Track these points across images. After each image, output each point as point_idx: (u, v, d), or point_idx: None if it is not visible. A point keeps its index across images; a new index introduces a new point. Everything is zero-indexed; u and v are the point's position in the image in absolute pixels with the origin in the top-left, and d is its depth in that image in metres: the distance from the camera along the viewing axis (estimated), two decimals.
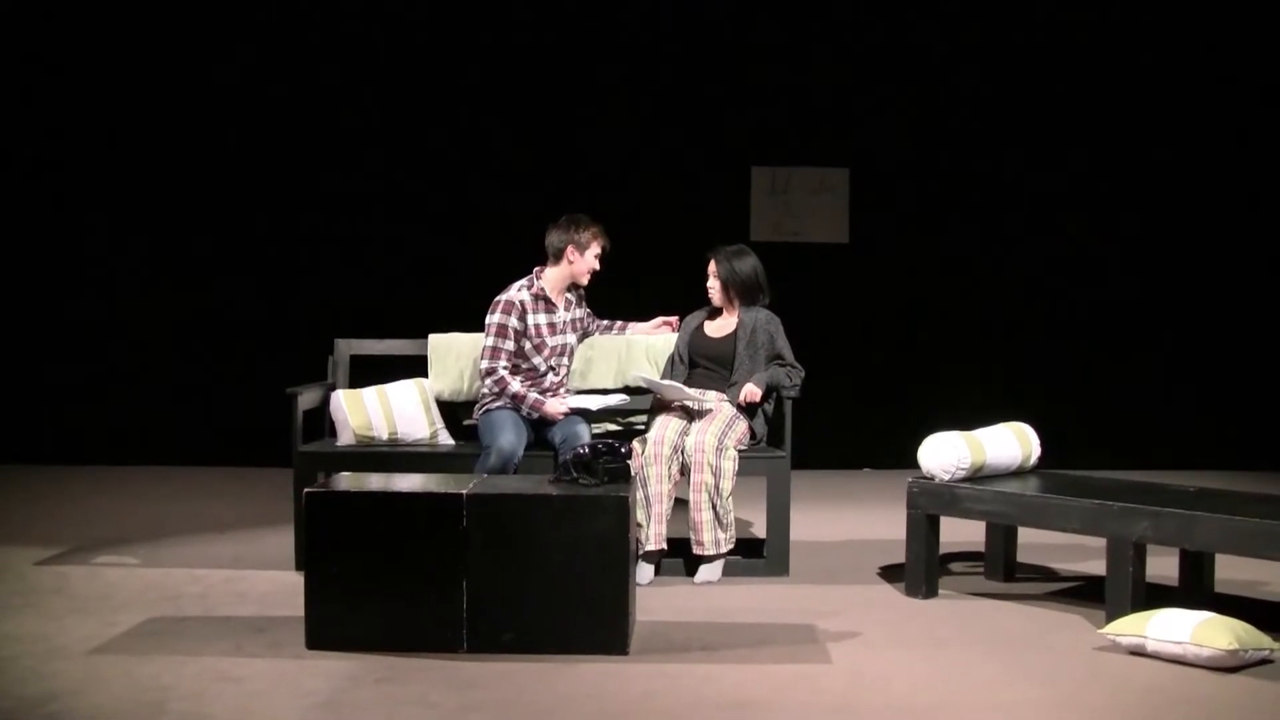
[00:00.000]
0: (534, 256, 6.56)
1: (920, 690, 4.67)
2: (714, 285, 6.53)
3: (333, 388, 6.77)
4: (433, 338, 6.87)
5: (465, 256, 9.26)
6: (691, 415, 6.35)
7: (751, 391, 6.29)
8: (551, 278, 6.53)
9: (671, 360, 6.62)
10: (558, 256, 6.49)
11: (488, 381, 6.40)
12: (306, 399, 6.55)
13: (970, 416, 6.46)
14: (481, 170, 9.68)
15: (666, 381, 6.37)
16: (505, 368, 6.40)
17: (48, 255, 9.72)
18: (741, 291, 6.50)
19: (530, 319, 6.44)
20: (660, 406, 6.45)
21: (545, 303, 6.50)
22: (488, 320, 6.43)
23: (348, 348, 6.95)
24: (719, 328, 6.56)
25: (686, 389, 6.33)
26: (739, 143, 9.78)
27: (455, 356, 6.78)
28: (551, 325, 6.51)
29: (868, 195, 9.81)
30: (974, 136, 9.81)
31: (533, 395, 6.38)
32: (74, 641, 5.13)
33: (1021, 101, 9.80)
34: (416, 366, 6.88)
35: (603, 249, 6.51)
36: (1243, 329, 9.88)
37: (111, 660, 4.90)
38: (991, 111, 9.81)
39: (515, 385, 6.38)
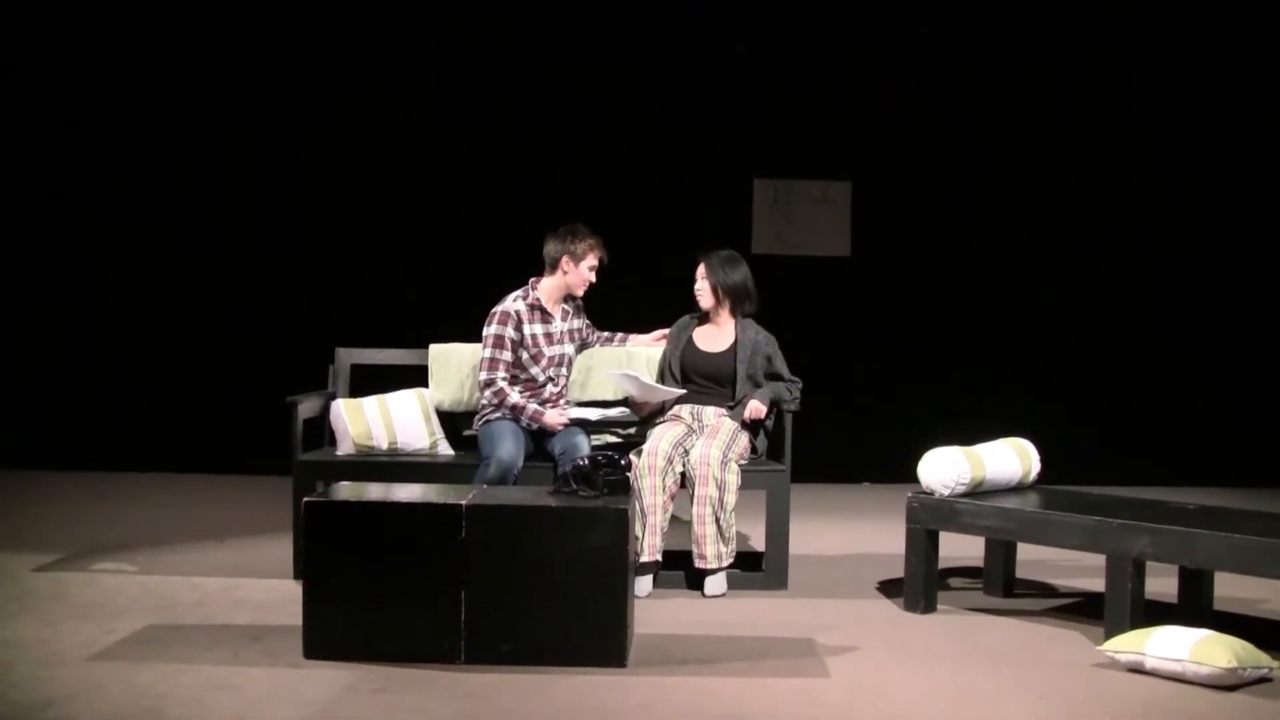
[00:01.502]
0: (535, 266, 6.56)
1: (918, 705, 4.66)
2: (703, 287, 6.51)
3: (333, 396, 6.76)
4: (433, 347, 6.86)
5: (466, 266, 9.25)
6: (689, 428, 6.35)
7: (756, 408, 6.30)
8: (547, 288, 6.53)
9: (662, 375, 6.60)
10: (553, 266, 6.49)
11: (486, 393, 6.40)
12: (307, 408, 6.54)
13: (970, 431, 6.45)
14: (483, 180, 9.68)
15: (642, 378, 6.34)
16: (504, 379, 6.40)
17: (46, 260, 9.72)
18: (730, 295, 6.49)
19: (526, 329, 6.44)
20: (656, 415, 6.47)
21: (541, 313, 6.50)
22: (484, 332, 6.43)
23: (348, 357, 6.95)
24: (711, 340, 6.54)
25: (660, 386, 6.33)
26: (741, 155, 9.79)
27: (456, 366, 6.78)
28: (548, 335, 6.51)
29: (869, 208, 9.81)
30: (975, 149, 9.82)
31: (532, 406, 6.38)
32: (71, 648, 5.12)
33: (1022, 114, 9.80)
34: (417, 376, 6.88)
35: (600, 261, 6.50)
36: (1244, 345, 9.88)
37: (109, 667, 4.89)
38: (993, 124, 9.81)
39: (514, 396, 6.38)
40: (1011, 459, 6.07)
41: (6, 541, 7.10)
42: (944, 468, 5.87)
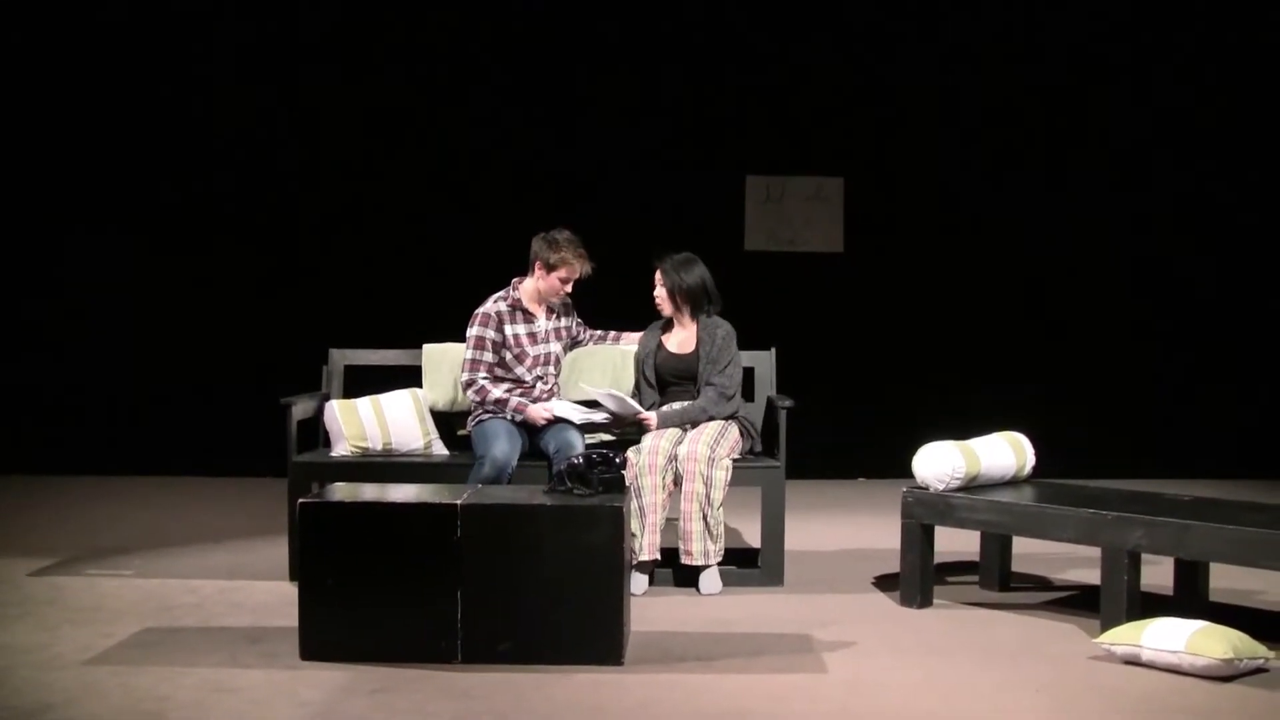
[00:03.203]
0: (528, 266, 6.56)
1: (915, 700, 4.67)
2: (660, 294, 6.51)
3: (327, 398, 6.76)
4: (427, 348, 6.85)
5: (460, 266, 9.22)
6: (684, 428, 6.35)
7: (648, 420, 6.31)
8: (527, 289, 6.52)
9: (638, 385, 6.60)
10: (531, 268, 6.49)
11: (469, 394, 6.39)
12: (301, 409, 6.54)
13: (965, 426, 6.46)
14: (476, 179, 9.68)
15: (618, 394, 6.34)
16: (484, 378, 6.39)
17: (41, 265, 9.71)
18: (689, 299, 6.49)
19: (508, 329, 6.43)
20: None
21: (523, 313, 6.49)
22: (467, 334, 6.43)
23: (342, 358, 6.94)
24: (680, 342, 6.54)
25: (630, 401, 6.33)
26: (733, 151, 9.79)
27: (449, 366, 6.76)
28: (532, 335, 6.50)
29: (863, 204, 9.81)
30: (969, 145, 9.82)
31: (515, 399, 6.37)
32: (69, 652, 5.12)
33: (1017, 110, 9.81)
34: (411, 376, 6.87)
35: (581, 275, 6.45)
36: (1238, 336, 9.89)
37: (107, 671, 4.89)
38: (987, 119, 9.81)
39: (496, 392, 6.37)
40: (1006, 453, 6.08)
41: (3, 546, 7.09)
42: (939, 462, 5.87)
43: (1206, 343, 9.90)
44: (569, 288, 6.50)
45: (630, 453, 6.14)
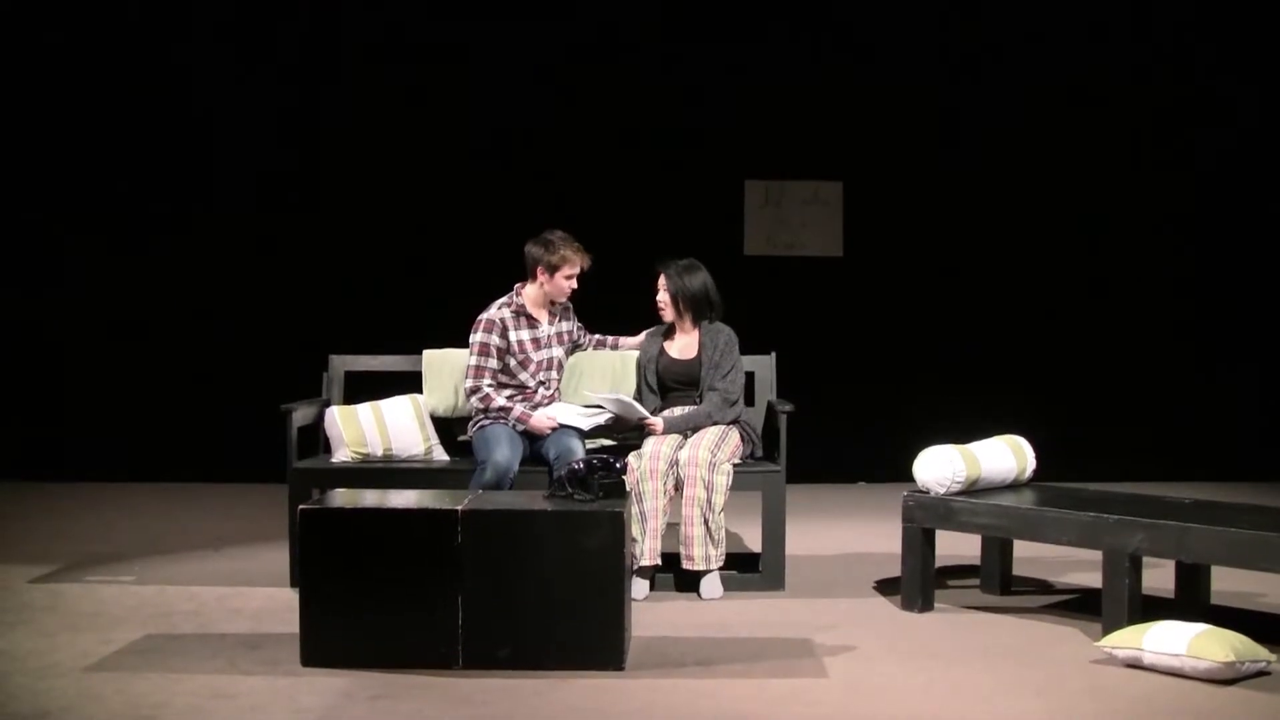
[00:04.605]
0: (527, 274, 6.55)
1: (916, 704, 4.66)
2: (663, 299, 6.50)
3: (327, 404, 6.75)
4: (427, 353, 6.85)
5: (459, 272, 9.22)
6: (685, 433, 6.34)
7: (654, 425, 6.30)
8: (530, 294, 6.52)
9: (640, 390, 6.60)
10: (532, 274, 6.48)
11: (473, 400, 6.39)
12: (301, 415, 6.54)
13: (965, 429, 6.46)
14: (476, 184, 9.67)
15: (624, 398, 6.34)
16: (489, 385, 6.39)
17: (38, 269, 9.72)
18: (692, 305, 6.49)
19: (512, 335, 6.43)
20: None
21: (527, 318, 6.49)
22: (470, 340, 6.43)
23: (342, 364, 6.94)
24: (681, 348, 6.54)
25: (636, 405, 6.33)
26: (732, 156, 9.78)
27: (450, 372, 6.76)
28: (535, 340, 6.49)
29: (862, 207, 9.81)
30: (967, 147, 9.82)
31: (518, 409, 6.37)
32: (68, 659, 5.12)
33: (1014, 110, 9.81)
34: (411, 382, 6.87)
35: (581, 269, 6.46)
36: (1239, 341, 9.88)
37: (106, 677, 4.89)
38: (984, 121, 9.81)
39: (500, 400, 6.37)
40: (1006, 456, 6.08)
41: (2, 553, 7.09)
42: (939, 466, 5.87)
43: (1207, 344, 9.90)
44: (575, 283, 6.50)
45: (631, 458, 6.13)
